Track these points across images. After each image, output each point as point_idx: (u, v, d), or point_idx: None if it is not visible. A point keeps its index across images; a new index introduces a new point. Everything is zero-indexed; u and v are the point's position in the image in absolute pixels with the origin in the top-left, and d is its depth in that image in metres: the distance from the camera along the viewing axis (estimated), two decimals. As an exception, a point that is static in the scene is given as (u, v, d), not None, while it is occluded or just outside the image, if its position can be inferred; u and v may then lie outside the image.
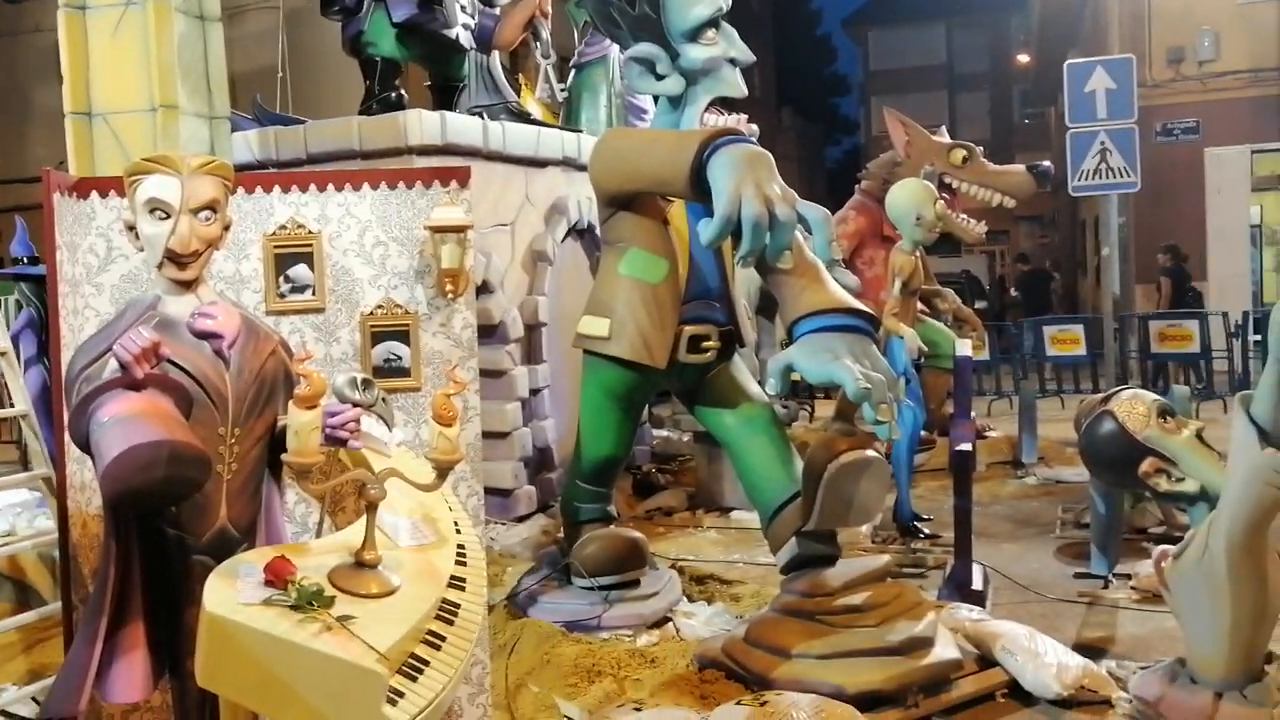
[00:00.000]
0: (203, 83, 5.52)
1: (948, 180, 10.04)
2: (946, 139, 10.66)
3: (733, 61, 4.91)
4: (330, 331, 3.91)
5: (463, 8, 6.70)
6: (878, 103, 44.25)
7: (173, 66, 5.25)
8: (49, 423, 6.11)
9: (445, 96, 7.10)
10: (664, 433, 10.23)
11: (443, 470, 2.91)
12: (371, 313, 3.90)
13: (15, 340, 6.67)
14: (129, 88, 5.25)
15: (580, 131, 8.06)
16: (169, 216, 2.96)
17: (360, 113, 6.50)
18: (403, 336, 3.93)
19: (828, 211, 6.72)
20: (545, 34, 7.62)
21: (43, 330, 7.73)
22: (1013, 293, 24.35)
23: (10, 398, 5.07)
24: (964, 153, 10.21)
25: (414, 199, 3.91)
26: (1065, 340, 13.51)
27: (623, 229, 5.02)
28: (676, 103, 4.98)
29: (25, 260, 8.96)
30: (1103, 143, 10.47)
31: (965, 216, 9.80)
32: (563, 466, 7.34)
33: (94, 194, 3.74)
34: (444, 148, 6.16)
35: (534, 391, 7.59)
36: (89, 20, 5.28)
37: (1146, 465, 4.29)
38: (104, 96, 5.29)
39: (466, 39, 6.88)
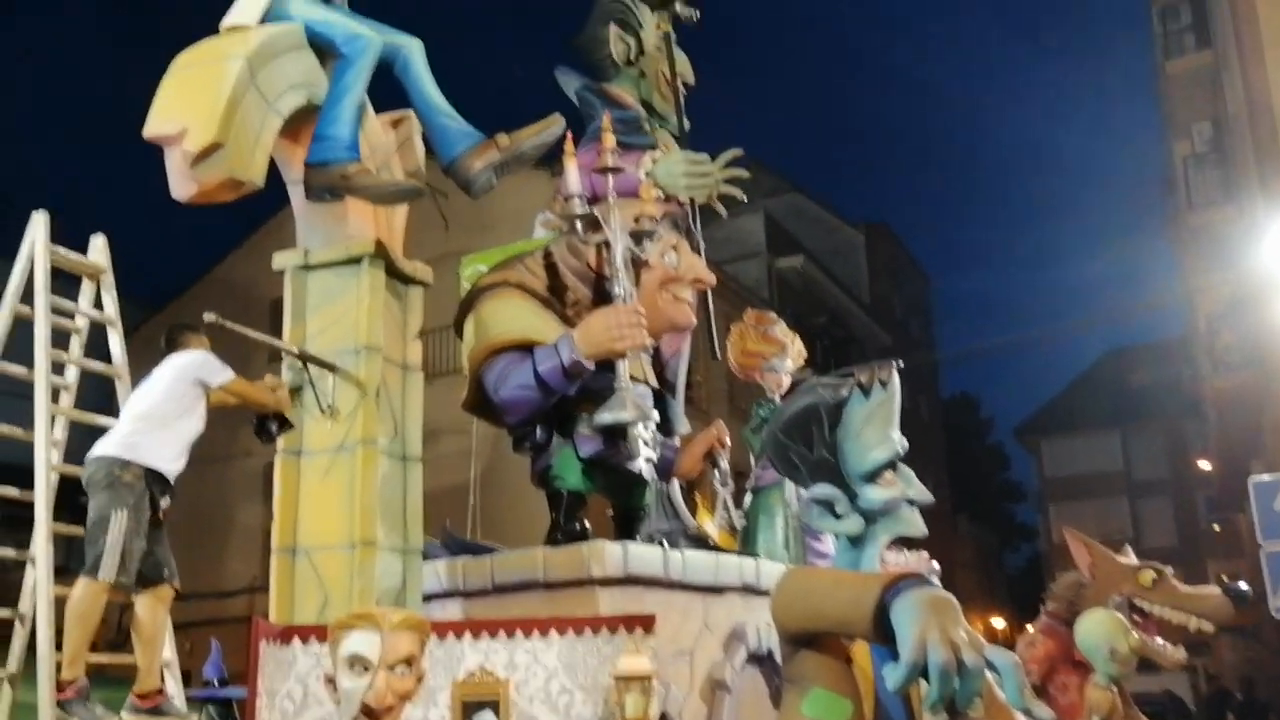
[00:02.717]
0: (400, 519, 5.82)
1: (1138, 602, 9.64)
2: (1132, 558, 10.29)
3: (911, 501, 4.98)
4: (514, 781, 3.92)
5: (645, 442, 6.96)
6: (1055, 509, 43.57)
7: (374, 506, 5.54)
8: None
9: (627, 525, 7.25)
10: None
11: None
12: (555, 762, 3.91)
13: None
14: (332, 526, 5.53)
15: (758, 557, 8.09)
16: (368, 671, 3.07)
17: (545, 543, 6.68)
18: (585, 787, 3.91)
19: (1018, 658, 6.53)
20: (724, 463, 7.83)
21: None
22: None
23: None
24: (1153, 574, 9.76)
25: (600, 645, 3.98)
26: (1290, 774, 12.43)
27: (805, 667, 4.94)
28: (856, 541, 5.02)
29: (216, 683, 9.25)
30: (1302, 562, 10.03)
31: (1161, 640, 9.33)
32: None
33: (296, 640, 3.91)
34: (626, 578, 6.25)
35: (712, 829, 7.26)
36: (303, 464, 5.67)
37: None
38: (309, 534, 5.58)
39: (648, 471, 7.10)
